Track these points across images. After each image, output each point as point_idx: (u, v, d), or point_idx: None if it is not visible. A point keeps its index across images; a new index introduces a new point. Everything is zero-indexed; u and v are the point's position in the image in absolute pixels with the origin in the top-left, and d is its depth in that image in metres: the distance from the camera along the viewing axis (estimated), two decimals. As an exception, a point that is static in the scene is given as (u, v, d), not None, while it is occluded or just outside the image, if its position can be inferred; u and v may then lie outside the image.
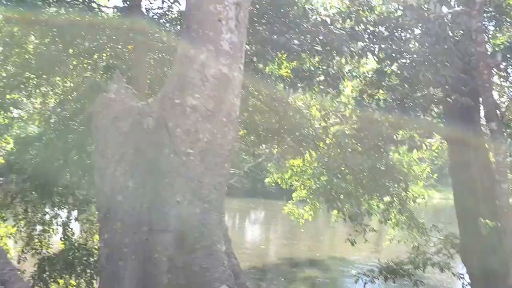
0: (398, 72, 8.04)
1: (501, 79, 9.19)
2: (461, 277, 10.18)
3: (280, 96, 8.75)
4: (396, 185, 11.09)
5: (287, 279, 17.60)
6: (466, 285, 9.59)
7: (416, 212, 15.18)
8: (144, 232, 3.85)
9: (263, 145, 10.35)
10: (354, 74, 8.82)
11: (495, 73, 7.74)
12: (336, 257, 20.42)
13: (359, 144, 8.92)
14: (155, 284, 3.70)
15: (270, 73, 8.33)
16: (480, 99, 7.61)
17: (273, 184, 16.24)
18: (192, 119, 3.94)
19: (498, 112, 6.77)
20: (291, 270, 18.90)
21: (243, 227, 31.55)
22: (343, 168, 9.63)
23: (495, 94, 8.39)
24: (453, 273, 10.50)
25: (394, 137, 8.55)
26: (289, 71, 8.56)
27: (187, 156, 3.88)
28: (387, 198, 12.19)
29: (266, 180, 17.37)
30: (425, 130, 10.24)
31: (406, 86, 8.37)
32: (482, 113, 8.42)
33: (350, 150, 8.93)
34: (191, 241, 3.75)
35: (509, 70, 8.41)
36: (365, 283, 10.80)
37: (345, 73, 8.73)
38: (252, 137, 10.45)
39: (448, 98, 7.58)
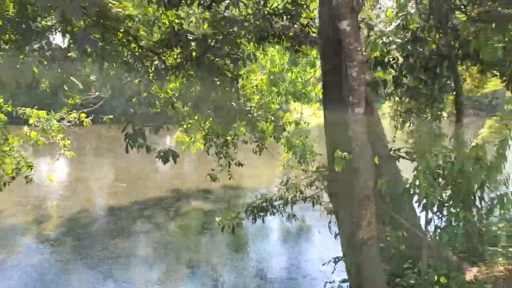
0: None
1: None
2: (332, 213, 8.86)
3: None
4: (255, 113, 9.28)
5: (171, 213, 16.00)
6: (334, 223, 8.27)
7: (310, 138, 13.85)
8: None
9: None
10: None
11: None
12: (232, 187, 19.01)
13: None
14: None
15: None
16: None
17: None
18: None
19: (352, 6, 4.82)
20: (177, 204, 17.27)
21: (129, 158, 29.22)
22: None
23: None
24: (324, 208, 9.25)
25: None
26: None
27: None
28: (261, 124, 10.51)
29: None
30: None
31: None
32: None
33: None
34: None
35: None
36: (232, 228, 9.18)
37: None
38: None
39: None
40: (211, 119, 9.32)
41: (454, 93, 7.81)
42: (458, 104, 7.30)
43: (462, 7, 5.43)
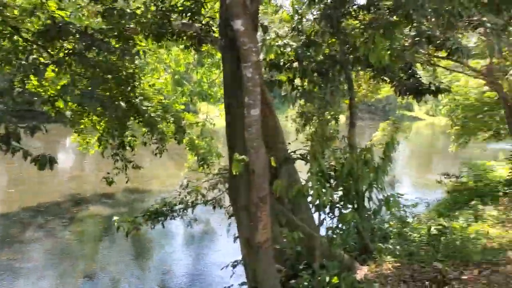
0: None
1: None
2: (233, 216, 8.78)
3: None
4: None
5: (67, 219, 14.92)
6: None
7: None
8: None
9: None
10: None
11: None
12: (135, 191, 18.18)
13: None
14: None
15: None
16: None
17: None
18: None
19: (245, 5, 4.73)
20: (74, 209, 16.17)
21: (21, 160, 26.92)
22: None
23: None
24: (226, 211, 9.14)
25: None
26: None
27: None
28: (162, 125, 10.16)
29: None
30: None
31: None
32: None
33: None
34: None
35: None
36: (127, 232, 8.76)
37: None
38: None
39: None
40: (106, 119, 8.82)
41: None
42: (352, 107, 7.57)
43: (354, 13, 5.61)
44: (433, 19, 4.94)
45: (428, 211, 13.18)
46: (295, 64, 5.52)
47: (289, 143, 7.55)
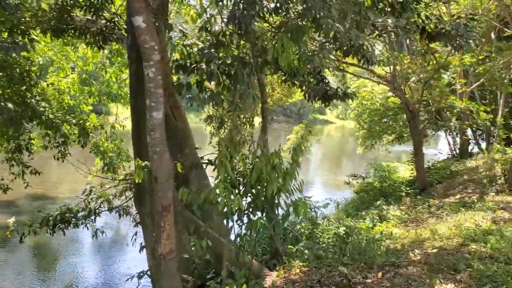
0: None
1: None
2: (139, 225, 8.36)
3: None
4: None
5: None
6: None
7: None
8: None
9: None
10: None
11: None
12: (43, 198, 16.80)
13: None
14: None
15: None
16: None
17: None
18: None
19: (147, 1, 4.43)
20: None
21: None
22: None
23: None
24: (133, 219, 8.68)
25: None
26: None
27: None
28: (64, 128, 9.43)
29: None
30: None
31: None
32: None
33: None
34: None
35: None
36: (22, 236, 8.12)
37: None
38: None
39: None
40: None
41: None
42: (264, 111, 7.52)
43: (263, 15, 5.52)
44: (338, 24, 4.96)
45: (337, 211, 13.56)
46: (203, 65, 5.32)
47: (198, 148, 7.31)
